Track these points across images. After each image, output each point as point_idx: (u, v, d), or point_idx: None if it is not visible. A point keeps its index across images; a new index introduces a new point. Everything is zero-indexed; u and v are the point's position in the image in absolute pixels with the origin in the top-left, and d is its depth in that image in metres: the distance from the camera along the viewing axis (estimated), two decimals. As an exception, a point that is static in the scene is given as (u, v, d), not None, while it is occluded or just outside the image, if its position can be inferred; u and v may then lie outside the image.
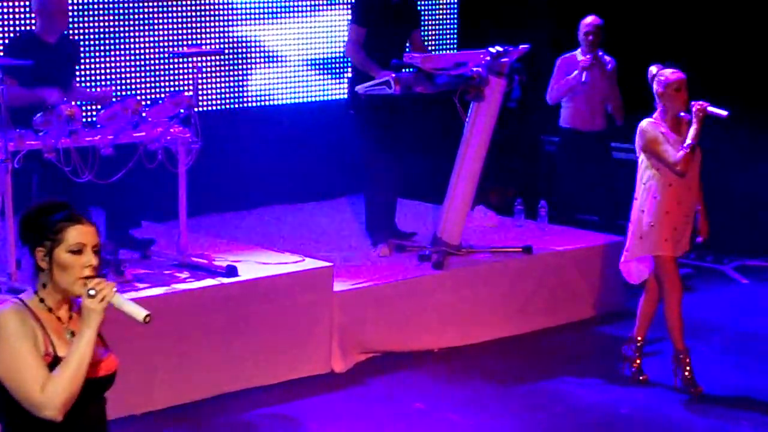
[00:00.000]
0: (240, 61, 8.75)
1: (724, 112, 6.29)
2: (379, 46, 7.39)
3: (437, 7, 9.78)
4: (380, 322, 6.94)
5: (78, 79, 7.31)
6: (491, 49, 7.21)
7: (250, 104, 8.87)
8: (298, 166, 8.96)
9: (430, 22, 9.64)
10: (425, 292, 7.14)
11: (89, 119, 6.76)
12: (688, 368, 6.41)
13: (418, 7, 7.89)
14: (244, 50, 8.78)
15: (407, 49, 7.65)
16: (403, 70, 7.28)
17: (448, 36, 9.84)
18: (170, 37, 8.37)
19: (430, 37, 9.60)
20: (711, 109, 6.27)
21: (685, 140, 6.23)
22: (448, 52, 9.46)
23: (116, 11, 8.11)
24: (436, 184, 7.78)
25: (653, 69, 6.40)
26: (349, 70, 7.96)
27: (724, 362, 6.91)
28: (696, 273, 8.76)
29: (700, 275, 8.74)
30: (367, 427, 5.99)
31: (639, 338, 6.60)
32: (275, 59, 8.95)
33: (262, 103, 8.93)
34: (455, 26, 9.86)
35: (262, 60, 8.88)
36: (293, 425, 6.04)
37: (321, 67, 9.18)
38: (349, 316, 6.81)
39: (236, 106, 8.78)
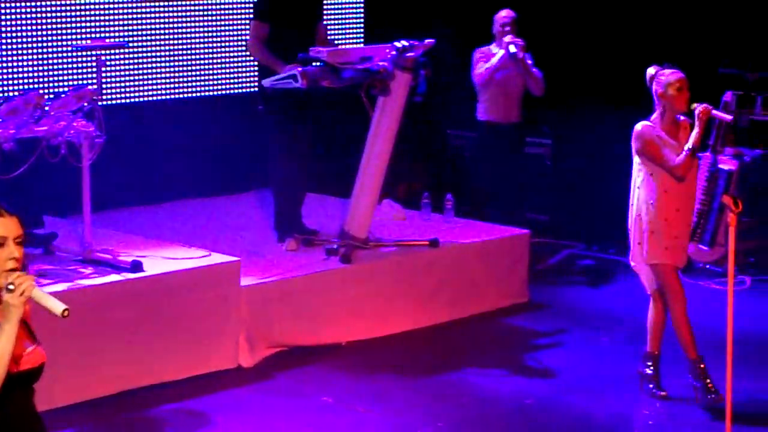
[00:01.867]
0: (144, 54, 8.67)
1: (729, 117, 6.07)
2: (283, 41, 7.35)
3: (343, 0, 9.78)
4: (288, 316, 6.94)
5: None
6: (397, 44, 7.25)
7: (155, 97, 8.79)
8: (205, 161, 8.90)
9: (336, 16, 9.64)
10: (333, 286, 7.15)
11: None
12: (708, 378, 6.09)
13: (322, 0, 7.89)
14: (149, 43, 8.70)
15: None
16: (312, 64, 7.27)
17: (354, 30, 9.86)
18: (73, 30, 8.26)
19: (336, 31, 9.60)
20: (716, 111, 6.05)
21: (686, 144, 5.98)
22: (354, 46, 9.47)
23: (17, 2, 7.98)
24: (344, 178, 7.80)
25: (651, 70, 6.15)
26: (257, 63, 7.93)
27: (626, 352, 7.03)
28: (599, 265, 8.92)
29: (604, 267, 8.88)
30: (275, 421, 5.99)
31: (655, 352, 6.30)
32: (181, 51, 8.88)
33: (168, 97, 8.85)
34: (361, 20, 9.89)
35: (168, 53, 8.81)
36: (200, 420, 6.02)
37: (228, 59, 9.13)
38: (256, 310, 6.80)
39: (141, 99, 8.70)
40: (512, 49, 8.42)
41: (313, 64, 7.28)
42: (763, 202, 8.85)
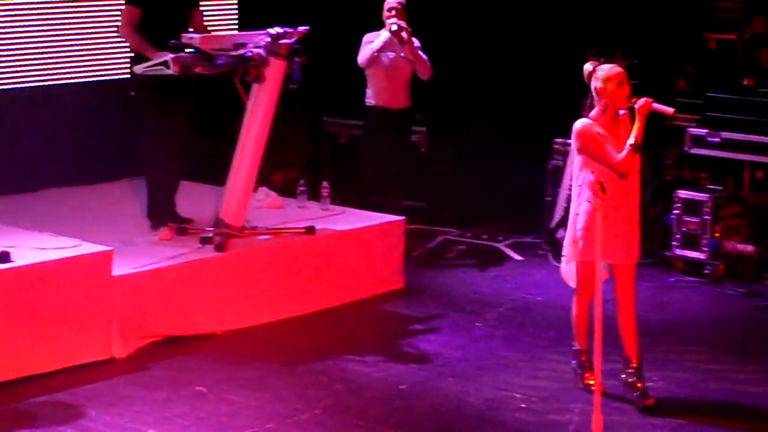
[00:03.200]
0: (11, 39, 8.47)
1: (671, 110, 5.94)
2: (157, 27, 7.28)
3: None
4: (162, 306, 6.86)
5: None
6: (271, 31, 7.22)
7: (24, 84, 8.60)
8: (77, 148, 8.75)
9: (210, 2, 9.55)
10: (208, 274, 7.10)
11: None
12: (588, 371, 6.09)
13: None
14: (16, 27, 8.50)
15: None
16: (187, 50, 7.19)
17: (228, 16, 9.78)
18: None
19: (210, 17, 9.51)
20: (657, 105, 5.87)
21: (628, 139, 5.86)
22: (228, 32, 9.40)
23: None
24: (219, 166, 7.75)
25: (589, 66, 5.99)
26: (130, 48, 7.82)
27: (496, 336, 7.15)
28: (471, 250, 9.03)
29: (477, 253, 9.00)
30: (149, 412, 5.92)
31: (628, 356, 6.12)
32: (50, 36, 8.69)
33: (38, 83, 8.66)
34: (235, 6, 9.82)
35: (36, 37, 8.61)
36: (73, 412, 5.91)
37: (100, 44, 8.97)
38: (129, 300, 6.71)
39: (9, 86, 8.50)
40: (394, 27, 8.36)
41: (186, 50, 7.20)
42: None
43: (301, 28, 7.35)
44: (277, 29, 7.22)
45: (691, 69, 9.13)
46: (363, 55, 8.51)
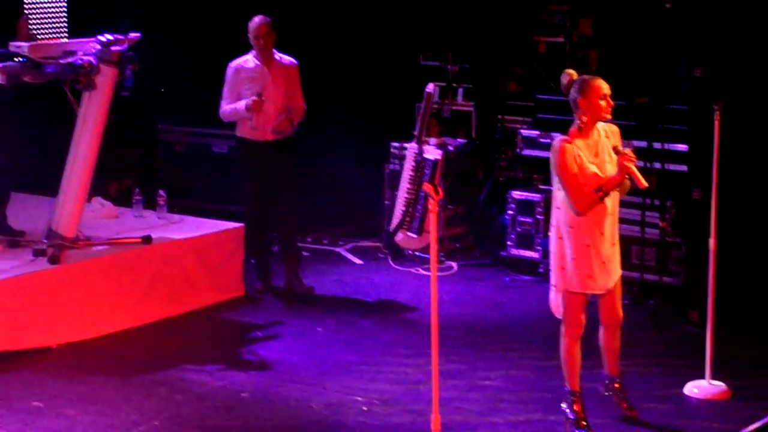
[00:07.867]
0: None
1: (645, 184, 5.46)
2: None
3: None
4: (-6, 321, 6.69)
5: None
6: (101, 38, 7.12)
7: None
8: None
9: (38, 10, 9.34)
10: (42, 287, 6.95)
11: None
12: (577, 407, 5.79)
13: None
14: None
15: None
16: (15, 59, 7.03)
17: (58, 24, 9.58)
18: None
19: (38, 25, 9.31)
20: (635, 170, 5.44)
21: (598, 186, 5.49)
22: (57, 40, 9.22)
23: None
24: (51, 176, 7.59)
25: (565, 78, 5.58)
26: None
27: (337, 340, 7.18)
28: (312, 255, 9.05)
29: (318, 257, 9.02)
30: (-18, 431, 5.77)
31: (613, 375, 6.00)
32: None
33: None
34: (65, 14, 9.62)
35: None
36: None
37: None
38: (-41, 316, 6.52)
39: None
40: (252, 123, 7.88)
41: (15, 59, 7.05)
42: (468, 189, 9.22)
43: (133, 35, 7.26)
44: (108, 36, 7.12)
45: (521, 72, 9.33)
46: (224, 114, 7.95)
